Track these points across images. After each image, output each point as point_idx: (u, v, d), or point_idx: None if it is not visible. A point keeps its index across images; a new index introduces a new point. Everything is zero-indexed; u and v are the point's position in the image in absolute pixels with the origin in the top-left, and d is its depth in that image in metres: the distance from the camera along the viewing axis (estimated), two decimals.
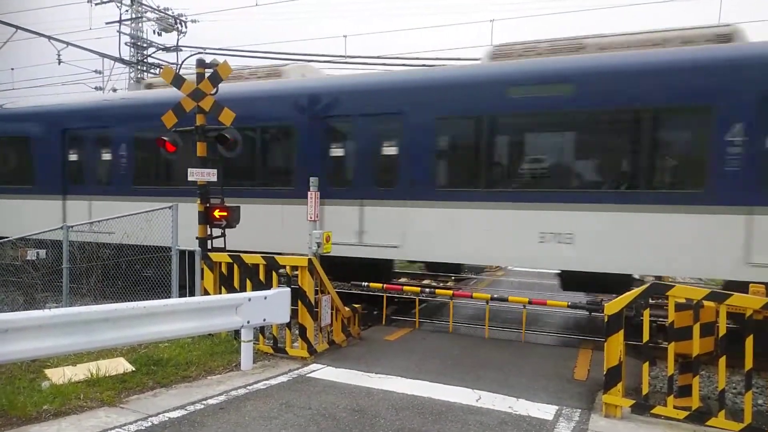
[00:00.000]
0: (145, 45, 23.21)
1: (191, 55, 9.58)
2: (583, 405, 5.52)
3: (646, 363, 5.25)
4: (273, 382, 5.95)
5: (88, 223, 10.60)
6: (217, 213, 8.44)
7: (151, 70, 22.52)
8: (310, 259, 7.00)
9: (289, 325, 7.13)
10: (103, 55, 20.29)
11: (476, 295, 8.67)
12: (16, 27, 15.97)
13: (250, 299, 6.31)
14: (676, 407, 5.02)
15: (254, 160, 10.74)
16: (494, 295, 8.81)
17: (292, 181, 10.13)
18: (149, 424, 4.67)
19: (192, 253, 8.31)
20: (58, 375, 5.71)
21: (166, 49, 22.21)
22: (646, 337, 5.22)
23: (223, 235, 8.78)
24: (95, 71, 23.43)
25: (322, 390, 5.71)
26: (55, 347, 4.77)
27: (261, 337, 7.15)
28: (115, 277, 9.87)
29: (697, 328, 5.00)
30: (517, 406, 5.38)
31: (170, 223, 8.50)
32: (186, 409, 5.04)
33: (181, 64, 10.45)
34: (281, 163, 10.80)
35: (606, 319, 5.24)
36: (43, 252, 10.42)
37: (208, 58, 9.03)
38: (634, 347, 6.50)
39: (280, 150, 10.81)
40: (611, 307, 5.22)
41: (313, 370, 6.42)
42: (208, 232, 8.61)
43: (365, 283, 9.49)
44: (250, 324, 6.32)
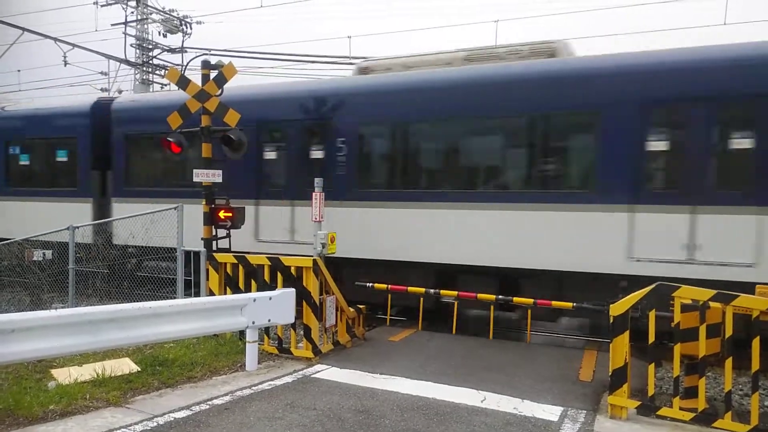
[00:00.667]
0: (151, 46, 23.29)
1: (196, 57, 9.62)
2: (588, 406, 5.50)
3: (652, 364, 5.23)
4: (278, 382, 5.96)
5: (93, 224, 10.67)
6: (223, 213, 8.48)
7: (157, 72, 22.60)
8: (314, 260, 7.00)
9: (293, 326, 7.15)
10: (108, 57, 20.37)
11: (481, 296, 8.65)
12: (23, 29, 16.05)
13: (254, 300, 6.32)
14: (682, 409, 5.00)
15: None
16: (499, 296, 8.78)
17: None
18: (155, 424, 4.68)
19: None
20: (65, 375, 5.74)
21: (172, 51, 22.27)
22: (651, 339, 5.19)
23: (227, 235, 8.81)
24: (101, 73, 23.52)
25: (327, 390, 5.71)
26: (61, 347, 4.78)
27: (266, 337, 7.17)
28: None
29: (703, 330, 4.98)
30: (522, 407, 5.37)
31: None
32: (191, 410, 5.05)
33: (187, 65, 10.52)
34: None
35: (611, 320, 5.22)
36: (49, 252, 10.46)
37: (214, 60, 9.08)
38: (639, 348, 6.48)
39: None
40: (617, 308, 5.20)
41: (318, 371, 6.42)
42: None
43: (369, 284, 9.49)
44: (254, 324, 6.32)
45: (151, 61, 22.79)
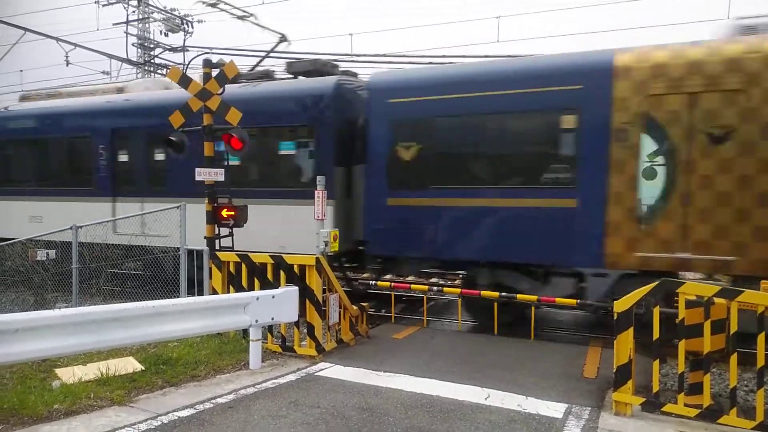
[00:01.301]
0: (152, 45, 23.31)
1: (198, 55, 9.61)
2: (592, 403, 5.49)
3: (657, 361, 5.21)
4: (281, 380, 5.96)
5: (97, 223, 10.66)
6: (226, 212, 8.46)
7: (159, 71, 22.61)
8: (317, 258, 7.00)
9: (297, 324, 7.15)
10: (110, 56, 20.37)
11: (484, 293, 8.63)
12: (25, 29, 16.05)
13: (258, 298, 6.32)
14: (686, 405, 4.98)
15: None
16: (503, 294, 8.76)
17: None
18: (159, 423, 4.69)
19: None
20: (69, 374, 5.75)
21: (173, 50, 22.28)
22: (656, 335, 5.18)
23: (230, 235, 8.80)
24: (103, 72, 23.57)
25: (331, 388, 5.71)
26: (65, 347, 4.80)
27: (269, 336, 7.16)
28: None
29: (708, 325, 4.96)
30: (527, 404, 5.36)
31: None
32: (195, 408, 5.06)
33: (188, 64, 10.48)
34: None
35: (615, 317, 5.20)
36: (52, 252, 10.47)
37: (215, 58, 9.06)
38: (643, 345, 6.46)
39: None
40: (621, 305, 5.18)
41: (322, 369, 6.42)
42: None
43: (373, 282, 9.49)
44: (258, 323, 6.33)
45: (152, 60, 22.80)
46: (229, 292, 7.30)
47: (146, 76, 22.53)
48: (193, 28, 23.49)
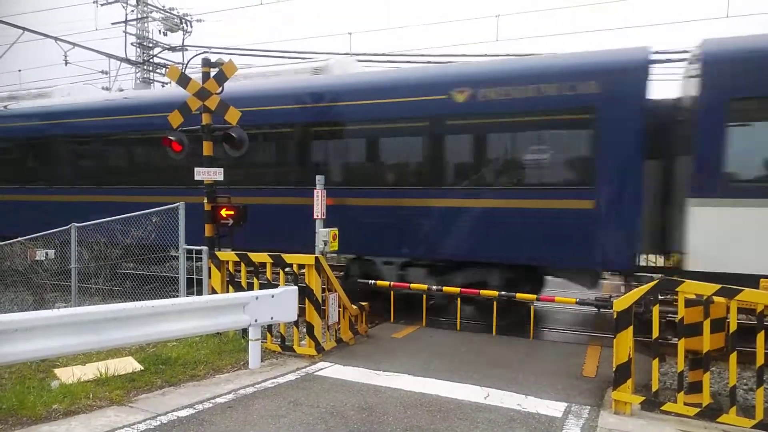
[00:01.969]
0: (151, 45, 23.27)
1: (197, 55, 9.58)
2: (592, 402, 5.49)
3: (656, 359, 5.21)
4: (281, 380, 5.95)
5: (96, 223, 10.64)
6: (225, 212, 8.46)
7: (158, 70, 22.60)
8: (317, 258, 6.99)
9: (296, 324, 7.14)
10: (109, 56, 20.37)
11: (483, 292, 8.63)
12: (23, 29, 16.04)
13: (257, 298, 6.31)
14: (686, 404, 4.98)
15: None
16: (502, 293, 8.76)
17: None
18: (158, 422, 4.68)
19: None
20: (68, 374, 5.74)
21: (172, 49, 22.25)
22: (655, 333, 5.18)
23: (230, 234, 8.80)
24: (102, 72, 23.55)
25: (330, 388, 5.71)
26: (64, 347, 4.79)
27: (269, 335, 7.16)
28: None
29: (707, 324, 4.96)
30: (526, 404, 5.36)
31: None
32: (194, 408, 5.05)
33: (187, 64, 10.49)
34: None
35: (615, 316, 5.20)
36: (51, 252, 10.46)
37: (214, 58, 9.06)
38: (643, 344, 6.46)
39: None
40: (620, 304, 5.18)
41: (321, 368, 6.42)
42: None
43: (372, 281, 9.48)
44: (257, 322, 6.33)
45: (151, 60, 22.77)
46: (228, 292, 7.30)
47: (145, 76, 22.53)
48: (191, 27, 23.46)
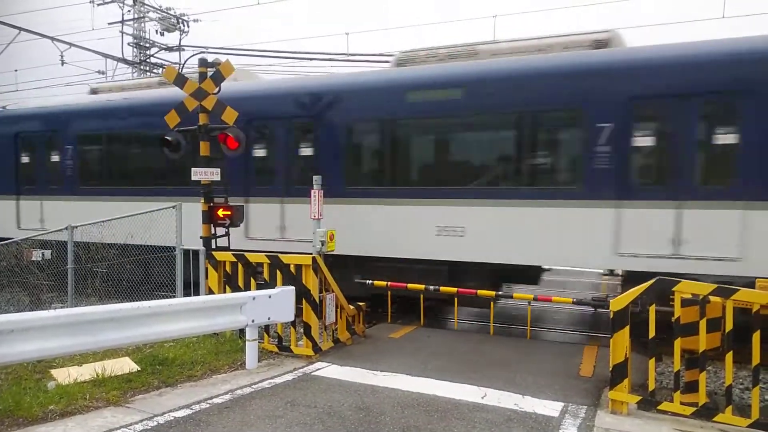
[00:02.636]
0: (148, 45, 23.24)
1: (194, 55, 9.56)
2: (589, 401, 5.50)
3: (653, 359, 5.22)
4: (278, 380, 5.95)
5: (93, 223, 10.61)
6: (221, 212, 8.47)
7: (154, 70, 22.55)
8: (314, 258, 6.99)
9: (293, 324, 7.13)
10: (106, 56, 20.33)
11: (481, 292, 8.64)
12: (20, 28, 15.99)
13: (254, 298, 6.30)
14: (682, 403, 4.99)
15: None
16: (499, 292, 8.79)
17: None
18: (155, 423, 4.68)
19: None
20: (64, 375, 5.73)
21: (169, 49, 22.23)
22: (652, 333, 5.19)
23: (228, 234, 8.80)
24: (98, 72, 23.48)
25: (328, 388, 5.71)
26: (61, 348, 4.77)
27: (266, 335, 7.15)
28: None
29: (703, 324, 4.97)
30: (523, 404, 5.36)
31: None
32: (191, 408, 5.04)
33: (184, 64, 10.46)
34: None
35: (612, 316, 5.21)
36: (48, 252, 10.43)
37: (211, 58, 9.05)
38: (640, 343, 6.46)
39: None
40: (617, 303, 5.19)
41: (318, 369, 6.42)
42: None
43: (369, 281, 9.48)
44: (254, 323, 6.32)
45: (148, 60, 22.74)
46: (225, 292, 7.29)
47: (142, 76, 22.48)
48: (188, 27, 23.43)
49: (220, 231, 8.74)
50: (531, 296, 8.59)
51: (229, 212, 8.51)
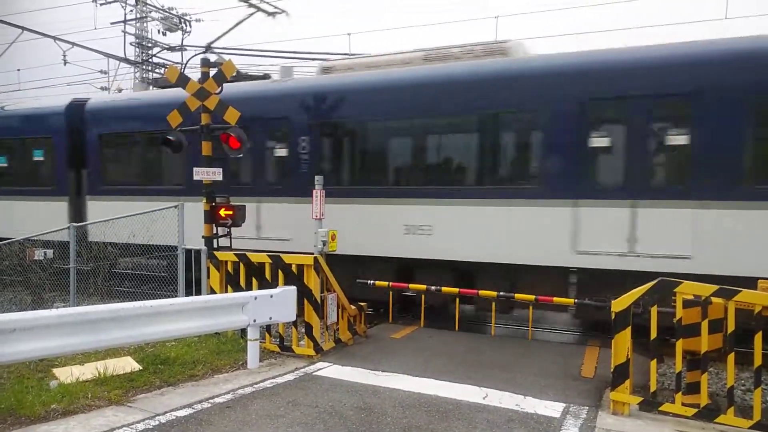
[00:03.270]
0: (150, 45, 23.25)
1: (196, 54, 9.56)
2: (590, 402, 5.50)
3: (654, 360, 5.22)
4: (280, 380, 5.96)
5: (92, 223, 10.64)
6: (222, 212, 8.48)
7: (156, 70, 22.57)
8: (315, 258, 7.00)
9: (295, 324, 7.15)
10: (108, 56, 20.31)
11: (482, 292, 8.64)
12: (22, 28, 16.00)
13: (256, 298, 6.32)
14: (684, 404, 4.99)
15: None
16: (500, 293, 8.78)
17: None
18: (156, 422, 4.68)
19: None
20: (66, 374, 5.74)
21: (171, 49, 22.22)
22: (654, 334, 5.18)
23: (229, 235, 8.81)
24: (101, 71, 23.51)
25: (329, 388, 5.71)
26: (63, 347, 4.79)
27: (267, 335, 7.16)
28: None
29: (705, 325, 4.97)
30: (525, 404, 5.36)
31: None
32: (193, 408, 5.05)
33: (186, 63, 10.49)
34: None
35: (613, 317, 5.21)
36: (50, 252, 10.44)
37: (213, 57, 9.07)
38: (641, 344, 6.46)
39: None
40: (618, 304, 5.19)
41: (320, 369, 6.42)
42: None
43: (371, 282, 9.48)
44: (256, 323, 6.33)
45: (150, 60, 22.76)
46: (227, 292, 7.30)
47: (144, 76, 22.52)
48: (190, 27, 23.43)
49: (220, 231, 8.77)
50: (532, 297, 8.57)
51: (231, 212, 8.53)
